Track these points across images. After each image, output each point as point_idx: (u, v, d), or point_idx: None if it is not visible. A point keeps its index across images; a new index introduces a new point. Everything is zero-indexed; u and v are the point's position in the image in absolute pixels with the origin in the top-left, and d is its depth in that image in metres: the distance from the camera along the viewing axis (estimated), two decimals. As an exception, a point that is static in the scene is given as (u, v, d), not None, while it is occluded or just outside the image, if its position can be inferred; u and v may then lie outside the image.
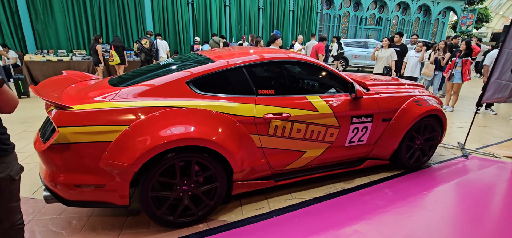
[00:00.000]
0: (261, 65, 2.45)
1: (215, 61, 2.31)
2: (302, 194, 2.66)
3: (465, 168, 3.27)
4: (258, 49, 2.73)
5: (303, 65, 2.69)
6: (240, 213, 2.36)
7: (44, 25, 9.10)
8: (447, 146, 3.96)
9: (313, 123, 2.48)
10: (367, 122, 2.76)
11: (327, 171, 2.76)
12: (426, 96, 3.16)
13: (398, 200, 2.52)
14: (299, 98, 2.46)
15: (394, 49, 5.96)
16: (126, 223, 2.18)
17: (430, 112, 2.99)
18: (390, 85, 3.26)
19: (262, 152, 2.36)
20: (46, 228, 2.09)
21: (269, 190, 2.67)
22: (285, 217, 2.30)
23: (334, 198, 2.58)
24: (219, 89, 2.24)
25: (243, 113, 2.20)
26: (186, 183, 2.08)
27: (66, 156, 1.82)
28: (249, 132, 2.24)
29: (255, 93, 2.32)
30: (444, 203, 2.49)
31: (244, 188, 2.39)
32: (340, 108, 2.58)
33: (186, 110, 2.02)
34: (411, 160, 3.15)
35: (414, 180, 2.93)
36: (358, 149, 2.86)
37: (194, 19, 11.35)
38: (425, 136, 3.14)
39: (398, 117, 2.88)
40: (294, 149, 2.50)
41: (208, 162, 2.07)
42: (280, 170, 2.55)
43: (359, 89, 2.54)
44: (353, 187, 2.80)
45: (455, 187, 2.82)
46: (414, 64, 6.02)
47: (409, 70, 6.08)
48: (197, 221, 2.19)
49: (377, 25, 18.26)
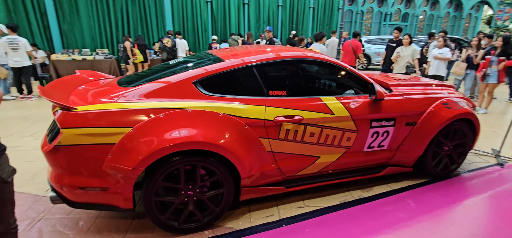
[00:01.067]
0: (272, 64, 2.30)
1: (224, 60, 2.21)
2: (315, 201, 2.50)
3: (501, 178, 2.94)
4: (273, 47, 2.59)
5: (319, 64, 2.51)
6: (248, 220, 2.24)
7: (70, 26, 9.48)
8: (479, 152, 3.61)
9: (328, 126, 2.31)
10: (389, 126, 2.54)
11: (343, 178, 2.58)
12: (457, 98, 2.87)
13: (422, 213, 2.29)
14: (313, 99, 2.30)
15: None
16: (131, 226, 2.14)
17: (461, 116, 2.71)
18: (416, 86, 3.00)
19: (273, 156, 2.23)
20: (54, 228, 2.09)
21: (280, 197, 2.53)
22: (295, 227, 2.15)
23: (350, 208, 2.40)
24: (228, 90, 2.13)
25: (252, 116, 2.08)
26: (191, 188, 1.99)
27: (70, 158, 1.79)
28: (259, 135, 2.12)
29: (266, 94, 2.19)
30: (476, 219, 2.23)
31: (253, 194, 2.27)
32: (359, 110, 2.39)
33: (192, 112, 1.93)
34: (438, 168, 2.88)
35: (441, 190, 2.67)
36: (378, 155, 2.65)
37: (212, 18, 11.37)
38: (454, 142, 2.85)
39: (424, 121, 2.63)
40: (307, 154, 2.34)
41: (214, 167, 1.97)
42: (291, 176, 2.40)
43: (380, 90, 2.33)
44: (371, 196, 2.59)
45: (488, 200, 2.53)
46: (438, 62, 5.58)
47: (434, 68, 5.64)
48: (202, 228, 2.10)
49: (403, 21, 17.39)
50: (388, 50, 6.13)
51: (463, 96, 3.04)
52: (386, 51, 6.22)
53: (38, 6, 8.91)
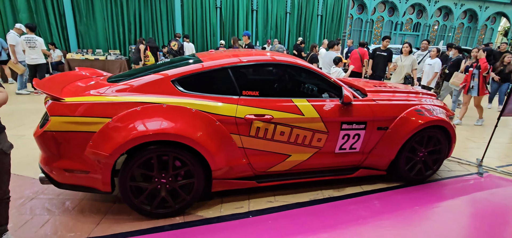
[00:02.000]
0: (247, 67, 2.49)
1: (203, 62, 2.41)
2: (286, 198, 2.64)
3: (474, 186, 2.98)
4: (248, 51, 2.78)
5: (291, 68, 2.67)
6: (219, 210, 2.41)
7: (86, 27, 10.03)
8: (462, 161, 3.63)
9: (298, 126, 2.46)
10: (360, 129, 2.65)
11: (314, 176, 2.71)
12: (433, 106, 2.95)
13: (385, 212, 2.39)
14: (284, 100, 2.46)
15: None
16: (111, 209, 2.36)
17: (434, 123, 2.79)
18: (395, 93, 3.10)
19: (244, 152, 2.40)
20: (43, 206, 2.33)
21: (252, 191, 2.69)
22: (260, 218, 2.31)
23: (317, 205, 2.52)
24: (203, 88, 2.33)
25: (224, 113, 2.26)
26: (164, 177, 2.19)
27: (57, 143, 2.02)
28: (230, 131, 2.29)
29: (239, 94, 2.37)
30: (436, 222, 2.30)
31: (224, 187, 2.45)
32: (328, 113, 2.52)
33: (167, 107, 2.14)
34: (412, 173, 2.95)
35: (411, 194, 2.75)
36: (350, 157, 2.76)
37: (221, 22, 11.70)
38: (428, 148, 2.93)
39: (396, 126, 2.73)
40: (277, 152, 2.49)
41: (184, 157, 2.16)
42: (263, 171, 2.56)
43: (347, 95, 2.46)
44: (341, 196, 2.70)
45: (455, 206, 2.58)
46: (428, 72, 5.68)
47: (425, 78, 5.74)
48: (174, 214, 2.29)
49: (414, 31, 17.22)
50: (377, 59, 6.22)
51: (442, 105, 3.11)
52: (373, 59, 6.31)
53: (58, 8, 9.50)
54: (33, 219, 2.17)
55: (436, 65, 5.62)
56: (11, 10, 9.03)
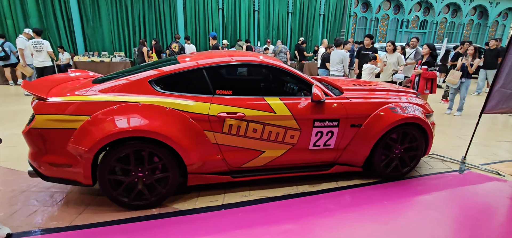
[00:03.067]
0: (221, 67, 2.61)
1: (179, 63, 2.56)
2: (261, 192, 2.75)
3: (450, 182, 3.00)
4: (224, 52, 2.91)
5: (265, 68, 2.78)
6: (194, 203, 2.55)
7: (93, 30, 10.40)
8: (446, 158, 3.65)
9: (270, 124, 2.57)
10: (332, 127, 2.74)
11: (290, 172, 2.81)
12: (409, 103, 3.00)
13: (352, 206, 2.47)
14: (256, 99, 2.57)
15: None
16: (94, 200, 2.53)
17: (408, 121, 2.84)
18: (373, 91, 3.17)
19: (218, 148, 2.53)
20: (32, 198, 2.53)
21: (228, 186, 2.81)
22: (231, 211, 2.43)
23: (289, 199, 2.63)
24: (179, 88, 2.47)
25: (197, 111, 2.40)
26: (140, 171, 2.35)
27: (43, 139, 2.21)
28: (204, 128, 2.43)
29: (213, 93, 2.51)
30: (401, 216, 2.37)
31: (200, 181, 2.58)
32: (300, 111, 2.62)
33: (142, 105, 2.29)
34: (388, 170, 3.01)
35: (383, 190, 2.81)
36: (325, 154, 2.85)
37: (223, 24, 11.88)
38: (404, 145, 2.98)
39: (369, 124, 2.80)
40: (251, 148, 2.61)
41: (158, 153, 2.31)
42: (237, 167, 2.68)
43: (316, 93, 2.55)
44: (315, 191, 2.80)
45: (424, 201, 2.63)
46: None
47: None
48: (150, 206, 2.44)
49: (421, 28, 16.93)
50: (362, 59, 6.26)
51: (421, 103, 3.15)
52: (357, 58, 6.35)
53: (66, 12, 9.90)
54: (21, 209, 2.37)
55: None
56: (22, 15, 9.47)
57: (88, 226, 2.20)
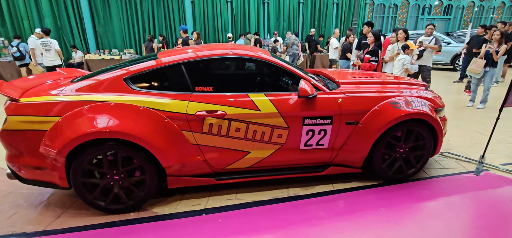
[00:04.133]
0: (201, 62, 2.43)
1: (158, 59, 2.40)
2: (247, 195, 2.57)
3: (464, 185, 2.66)
4: (205, 46, 2.71)
5: (249, 61, 2.56)
6: (175, 207, 2.42)
7: (104, 29, 10.58)
8: (461, 158, 3.27)
9: (254, 122, 2.37)
10: (325, 125, 2.49)
11: (279, 174, 2.60)
12: (413, 97, 2.68)
13: (344, 214, 2.23)
14: (238, 95, 2.37)
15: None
16: (75, 203, 2.46)
17: (412, 116, 2.53)
18: (373, 84, 2.87)
19: (198, 149, 2.36)
20: (15, 200, 2.50)
21: (214, 188, 2.65)
22: (212, 216, 2.27)
23: (277, 204, 2.42)
24: (156, 85, 2.33)
25: (174, 110, 2.24)
26: (116, 173, 2.23)
27: (16, 141, 2.14)
28: (181, 128, 2.27)
29: (192, 90, 2.34)
30: (397, 226, 2.09)
31: (181, 183, 2.44)
32: (288, 108, 2.40)
33: (114, 105, 2.16)
34: (390, 171, 2.72)
35: (383, 194, 2.53)
36: (318, 154, 2.61)
37: (233, 17, 11.68)
38: (409, 144, 2.67)
39: (367, 121, 2.52)
40: (235, 149, 2.43)
41: (133, 155, 2.18)
42: (221, 169, 2.51)
43: (304, 88, 2.30)
44: (307, 194, 2.57)
45: (427, 209, 2.32)
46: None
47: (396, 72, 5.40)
48: (128, 210, 2.33)
49: (445, 14, 15.84)
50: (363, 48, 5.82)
51: (430, 96, 2.80)
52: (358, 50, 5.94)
53: (78, 12, 10.11)
54: (2, 212, 2.34)
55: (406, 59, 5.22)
56: (37, 16, 9.77)
57: (61, 231, 2.13)
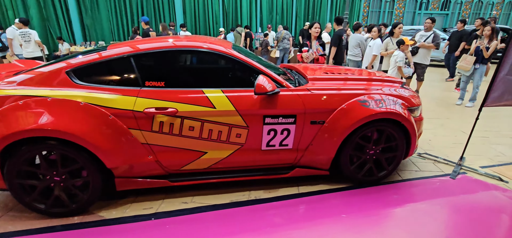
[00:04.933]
0: (153, 55, 2.24)
1: (107, 50, 2.22)
2: (205, 198, 2.40)
3: (436, 190, 2.49)
4: (160, 38, 2.52)
5: (206, 54, 2.36)
6: (124, 210, 2.25)
7: (92, 20, 10.32)
8: (439, 159, 3.10)
9: (210, 121, 2.19)
10: (288, 124, 2.32)
11: (240, 176, 2.43)
12: (385, 95, 2.50)
13: (302, 220, 2.06)
14: (192, 91, 2.19)
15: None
16: (18, 205, 2.29)
17: (381, 116, 2.36)
18: (345, 81, 2.69)
19: (149, 149, 2.19)
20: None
21: (171, 190, 2.48)
22: (161, 222, 2.10)
23: (234, 208, 2.26)
24: (102, 80, 2.14)
25: (120, 106, 2.06)
26: (55, 175, 2.06)
27: None
28: (128, 126, 2.09)
29: (141, 85, 2.16)
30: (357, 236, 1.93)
31: (131, 186, 2.27)
32: (247, 105, 2.22)
33: (51, 100, 1.98)
34: (360, 174, 2.55)
35: (349, 199, 2.37)
36: (282, 155, 2.44)
37: (224, 10, 11.42)
38: (379, 145, 2.50)
39: (333, 120, 2.35)
40: (190, 149, 2.25)
41: (72, 154, 2.01)
42: (176, 170, 2.34)
43: (260, 84, 2.11)
44: (269, 198, 2.41)
45: (392, 216, 2.17)
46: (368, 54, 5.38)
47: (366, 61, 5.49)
48: (72, 213, 2.16)
49: (443, 9, 15.57)
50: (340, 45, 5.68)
51: (405, 95, 2.62)
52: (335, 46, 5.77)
53: (64, 2, 9.85)
54: None
55: (375, 46, 5.04)
56: (22, 6, 9.51)
57: (-6, 236, 1.96)
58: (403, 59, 4.84)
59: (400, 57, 4.86)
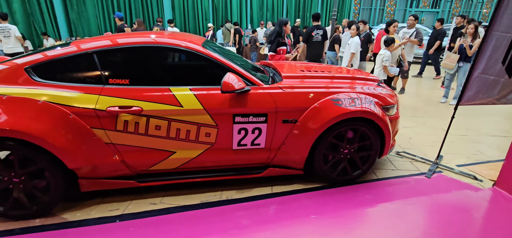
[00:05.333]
0: (118, 51, 2.15)
1: (69, 46, 2.13)
2: (175, 199, 2.34)
3: (410, 189, 2.47)
4: (128, 34, 2.43)
5: (174, 51, 2.29)
6: (89, 212, 2.18)
7: (78, 15, 10.10)
8: (417, 158, 3.09)
9: (177, 120, 2.13)
10: (259, 123, 2.26)
11: (212, 176, 2.38)
12: (359, 94, 2.46)
13: (271, 222, 2.02)
14: (158, 89, 2.12)
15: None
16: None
17: (354, 115, 2.32)
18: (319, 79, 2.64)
19: (114, 149, 2.12)
20: None
21: (140, 191, 2.42)
22: (125, 224, 2.04)
23: (204, 209, 2.21)
24: (64, 77, 2.05)
25: (81, 104, 1.98)
26: (14, 176, 1.98)
27: None
28: (91, 126, 2.02)
29: (104, 83, 2.08)
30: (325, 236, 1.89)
31: (96, 187, 2.20)
32: (215, 104, 2.16)
33: (7, 98, 1.89)
34: (334, 173, 2.52)
35: (321, 199, 2.33)
36: (254, 154, 2.39)
37: (214, 6, 11.29)
38: (354, 144, 2.47)
39: (306, 119, 2.30)
40: (157, 148, 2.19)
41: (32, 155, 1.93)
42: (144, 170, 2.27)
43: (227, 82, 2.05)
44: (240, 198, 2.36)
45: (362, 216, 2.13)
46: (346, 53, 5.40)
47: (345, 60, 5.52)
48: (33, 215, 2.08)
49: (433, 7, 15.65)
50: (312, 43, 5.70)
51: (380, 93, 2.58)
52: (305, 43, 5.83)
53: (49, -3, 9.63)
54: None
55: (353, 44, 5.04)
56: (5, 0, 9.25)
57: None
58: (390, 59, 4.85)
59: (387, 57, 4.87)
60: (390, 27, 5.23)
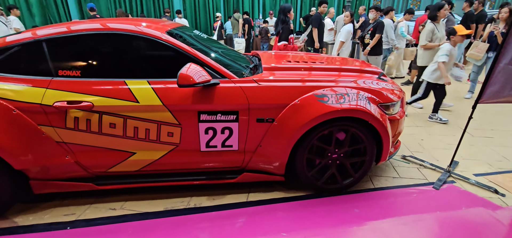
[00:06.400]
0: (69, 39, 1.91)
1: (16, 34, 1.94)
2: (138, 205, 2.11)
3: (412, 203, 2.06)
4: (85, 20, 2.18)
5: (135, 39, 2.00)
6: (43, 216, 2.00)
7: (91, 8, 10.16)
8: (426, 164, 2.64)
9: (133, 117, 1.88)
10: (228, 121, 1.96)
11: (178, 180, 2.12)
12: (351, 89, 2.07)
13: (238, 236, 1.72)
14: (111, 82, 1.88)
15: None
16: None
17: (342, 114, 1.94)
18: (307, 70, 2.28)
19: (67, 148, 1.91)
20: None
21: (101, 194, 2.21)
22: (76, 232, 1.84)
23: (165, 218, 1.95)
24: (7, 68, 1.86)
25: (25, 99, 1.78)
26: (-46, 176, 1.83)
27: None
28: (38, 123, 1.82)
29: (53, 75, 1.86)
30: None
31: (50, 189, 2.01)
32: (176, 99, 1.88)
33: None
34: (320, 181, 2.17)
35: (302, 212, 1.99)
36: (226, 157, 2.09)
37: (225, -4, 10.97)
38: (343, 148, 2.10)
39: (284, 118, 1.96)
40: (115, 148, 1.95)
41: (-28, 154, 1.76)
42: (101, 172, 2.05)
43: (184, 74, 1.75)
44: (209, 206, 2.08)
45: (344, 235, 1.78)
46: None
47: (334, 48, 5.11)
48: (-19, 218, 1.94)
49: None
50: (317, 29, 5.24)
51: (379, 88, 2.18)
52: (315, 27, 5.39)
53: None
54: None
55: (343, 32, 4.69)
56: (23, -5, 9.48)
57: None
58: (446, 53, 3.38)
59: (444, 51, 3.39)
60: (440, 12, 4.02)
